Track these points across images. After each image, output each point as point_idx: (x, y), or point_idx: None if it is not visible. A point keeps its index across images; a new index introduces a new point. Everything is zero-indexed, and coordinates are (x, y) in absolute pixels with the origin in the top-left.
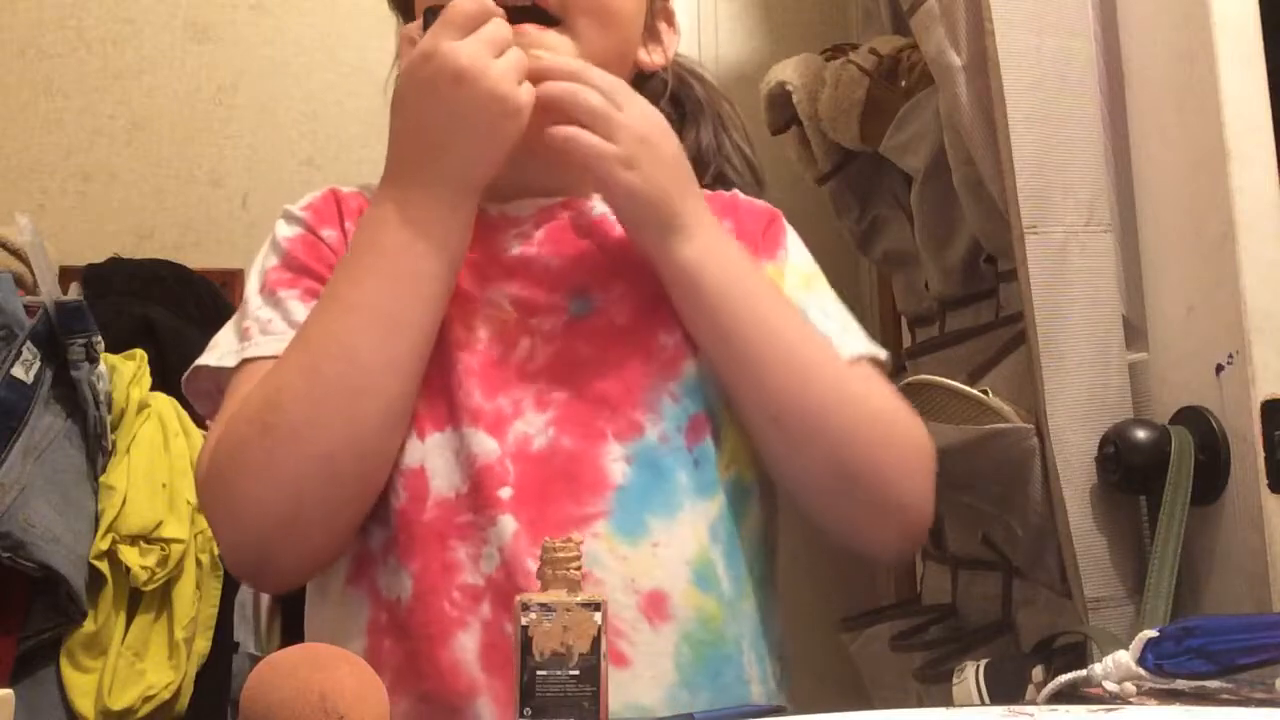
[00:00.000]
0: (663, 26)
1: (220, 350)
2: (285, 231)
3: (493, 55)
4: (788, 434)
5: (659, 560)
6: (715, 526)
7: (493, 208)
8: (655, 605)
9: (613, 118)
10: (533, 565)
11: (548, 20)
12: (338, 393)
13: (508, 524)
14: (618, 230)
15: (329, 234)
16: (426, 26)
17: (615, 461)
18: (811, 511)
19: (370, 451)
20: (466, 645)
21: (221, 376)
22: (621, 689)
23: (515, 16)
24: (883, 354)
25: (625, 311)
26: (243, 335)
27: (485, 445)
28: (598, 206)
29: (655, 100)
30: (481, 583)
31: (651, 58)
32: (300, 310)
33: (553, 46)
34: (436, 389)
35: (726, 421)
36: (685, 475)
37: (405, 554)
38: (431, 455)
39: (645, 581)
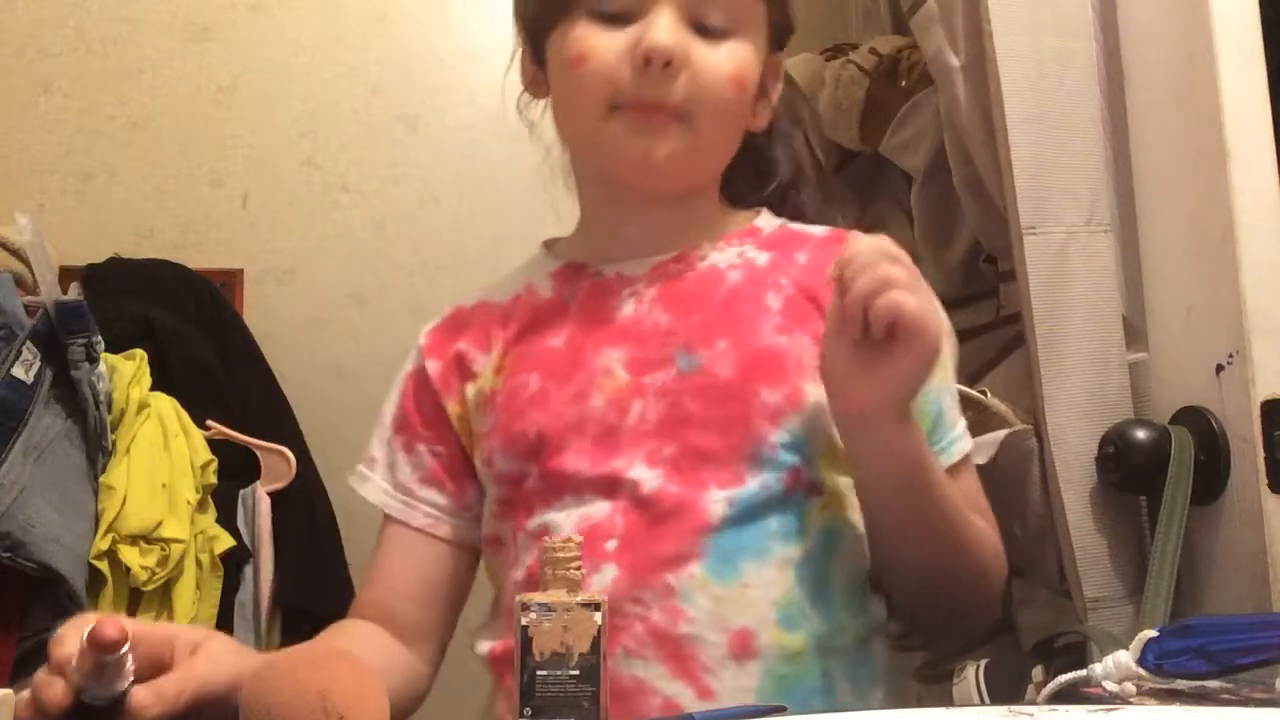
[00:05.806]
0: (770, 83)
1: (367, 457)
2: (407, 365)
3: None
4: (928, 597)
5: (749, 600)
6: (801, 569)
7: (609, 268)
8: (743, 643)
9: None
10: (630, 608)
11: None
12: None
13: (609, 571)
14: (727, 281)
15: (432, 366)
16: None
17: (715, 504)
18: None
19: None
20: None
21: None
22: None
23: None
24: (970, 446)
25: (729, 367)
26: (369, 458)
27: (599, 507)
28: (709, 255)
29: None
30: None
31: (756, 120)
32: (404, 469)
33: (672, 143)
34: (548, 472)
35: (825, 471)
36: (776, 521)
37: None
38: (552, 522)
39: (735, 620)
